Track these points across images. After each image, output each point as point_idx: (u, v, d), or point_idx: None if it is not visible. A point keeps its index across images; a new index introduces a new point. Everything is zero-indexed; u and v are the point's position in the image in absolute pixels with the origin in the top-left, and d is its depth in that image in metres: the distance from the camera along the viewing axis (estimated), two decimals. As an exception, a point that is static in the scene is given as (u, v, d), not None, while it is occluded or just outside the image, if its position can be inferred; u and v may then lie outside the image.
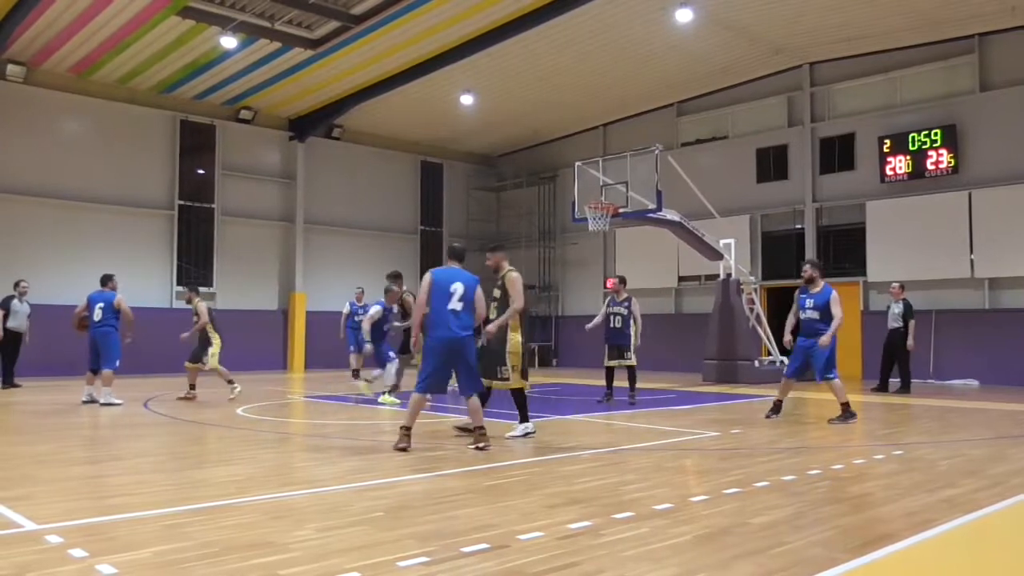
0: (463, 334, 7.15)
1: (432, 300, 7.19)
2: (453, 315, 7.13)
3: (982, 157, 16.36)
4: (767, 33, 17.33)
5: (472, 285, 7.29)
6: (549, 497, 5.21)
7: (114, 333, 11.39)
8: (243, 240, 20.57)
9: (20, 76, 17.04)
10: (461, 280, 7.25)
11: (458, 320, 7.14)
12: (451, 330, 7.10)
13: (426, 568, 3.66)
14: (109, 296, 11.49)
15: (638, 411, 10.78)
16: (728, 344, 16.34)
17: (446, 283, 7.20)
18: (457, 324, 7.13)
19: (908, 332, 13.59)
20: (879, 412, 10.90)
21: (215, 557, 3.82)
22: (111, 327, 11.39)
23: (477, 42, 16.78)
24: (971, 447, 7.53)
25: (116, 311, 11.44)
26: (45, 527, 4.36)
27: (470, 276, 7.37)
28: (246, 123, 20.54)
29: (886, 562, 3.83)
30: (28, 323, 14.35)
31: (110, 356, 11.31)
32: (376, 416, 10.15)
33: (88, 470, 6.49)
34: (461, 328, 7.15)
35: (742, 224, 19.47)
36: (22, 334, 14.26)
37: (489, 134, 23.81)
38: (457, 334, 7.11)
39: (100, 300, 11.47)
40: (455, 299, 7.13)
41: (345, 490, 5.51)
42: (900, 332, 13.75)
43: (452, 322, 7.11)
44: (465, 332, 7.18)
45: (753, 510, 4.83)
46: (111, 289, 11.67)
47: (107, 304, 11.41)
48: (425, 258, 24.16)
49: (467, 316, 7.22)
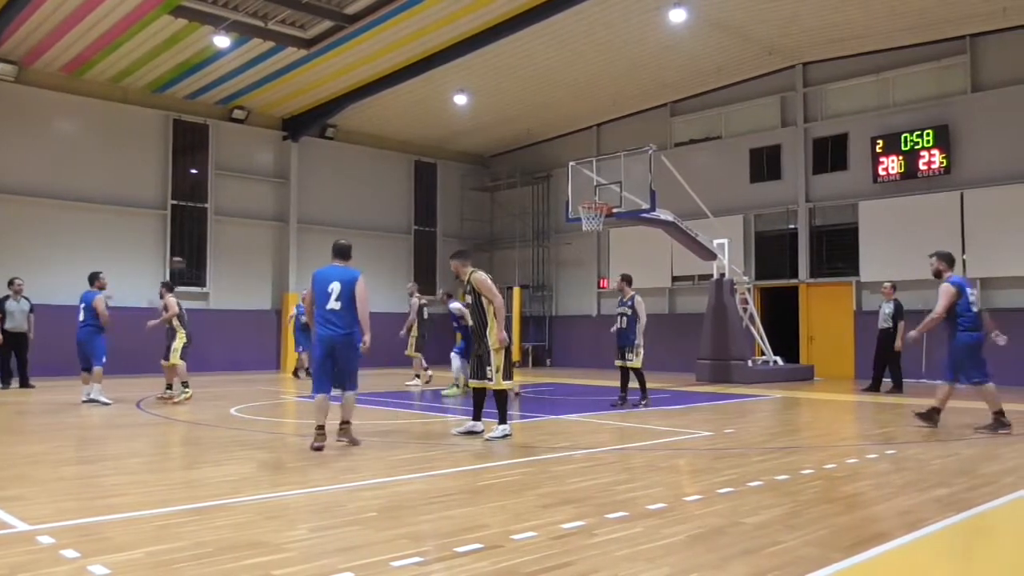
0: (341, 332, 7.23)
1: (316, 299, 7.33)
2: (332, 314, 7.23)
3: (974, 157, 16.43)
4: (760, 33, 17.36)
5: (350, 283, 7.30)
6: (542, 497, 5.21)
7: (97, 333, 11.34)
8: (236, 240, 20.52)
9: (11, 75, 16.96)
10: (339, 279, 7.29)
11: (337, 318, 7.23)
12: (329, 328, 7.23)
13: (420, 568, 3.66)
14: (89, 296, 11.48)
15: (631, 411, 10.79)
16: (722, 344, 16.36)
17: (324, 283, 7.31)
18: (335, 322, 7.22)
19: (897, 332, 13.54)
20: (872, 411, 10.93)
21: (208, 557, 3.82)
22: (93, 327, 11.38)
23: (470, 42, 16.77)
24: (963, 446, 7.56)
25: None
26: (37, 528, 4.35)
27: (351, 273, 7.38)
28: (239, 123, 20.49)
29: (879, 561, 3.85)
30: (30, 321, 14.23)
31: (95, 355, 11.29)
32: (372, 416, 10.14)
33: (81, 470, 6.47)
34: (339, 326, 7.23)
35: (735, 224, 19.50)
36: (23, 333, 14.17)
37: (483, 134, 23.80)
38: (335, 332, 7.22)
39: (83, 300, 11.48)
40: (332, 298, 7.23)
41: (338, 490, 5.50)
42: (890, 332, 13.74)
43: (330, 320, 7.23)
44: (343, 330, 7.25)
45: (746, 510, 4.84)
46: (98, 288, 11.64)
47: (88, 304, 11.39)
48: (419, 258, 24.16)
49: (346, 314, 7.26)
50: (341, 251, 7.58)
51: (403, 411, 11.01)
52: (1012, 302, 15.74)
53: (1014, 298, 15.77)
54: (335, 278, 7.31)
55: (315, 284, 7.35)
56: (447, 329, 14.68)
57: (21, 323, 14.14)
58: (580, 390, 14.01)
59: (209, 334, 19.56)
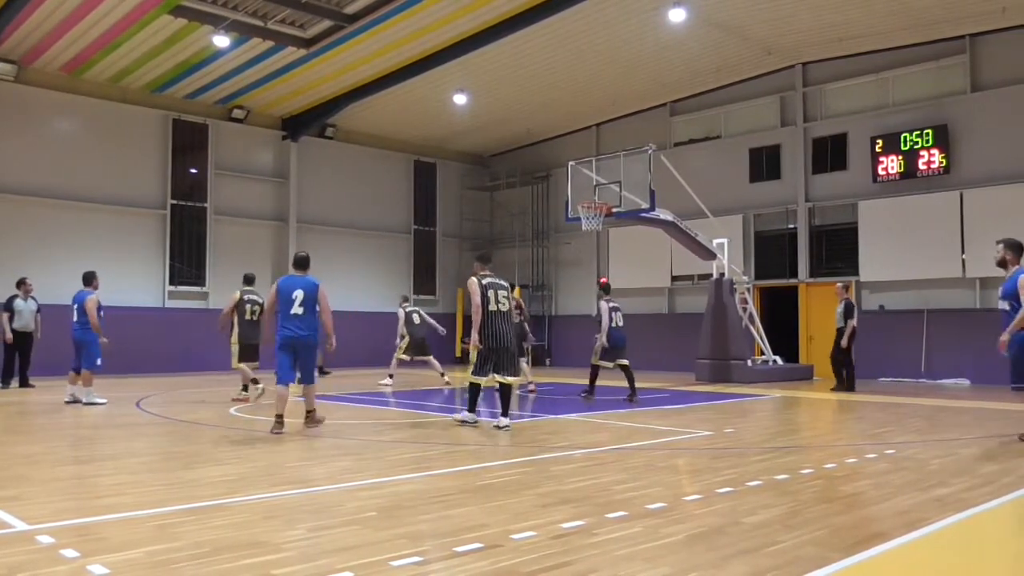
0: (303, 333, 8.25)
1: (279, 305, 8.33)
2: (295, 318, 8.24)
3: (973, 157, 16.43)
4: (760, 33, 17.37)
5: (312, 290, 8.32)
6: (542, 496, 5.21)
7: (90, 333, 11.32)
8: (236, 239, 20.52)
9: (11, 74, 16.96)
10: (302, 287, 8.31)
11: (300, 321, 8.24)
12: (292, 330, 8.23)
13: (419, 568, 3.66)
14: (81, 296, 11.47)
15: (631, 410, 10.79)
16: (721, 344, 16.36)
17: (288, 291, 8.30)
18: (298, 325, 8.23)
19: (844, 332, 13.97)
20: (870, 411, 10.93)
21: (207, 557, 3.81)
22: (87, 327, 11.36)
23: (470, 42, 16.77)
24: (962, 446, 7.56)
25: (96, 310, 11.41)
26: (36, 527, 4.35)
27: (311, 282, 8.38)
28: (239, 122, 20.49)
29: (878, 561, 3.85)
30: (37, 321, 14.28)
31: (88, 356, 11.26)
32: (367, 416, 10.14)
33: (80, 470, 6.47)
34: (301, 328, 8.24)
35: (735, 224, 19.50)
36: (30, 333, 14.19)
37: (482, 133, 23.80)
38: (297, 333, 8.23)
39: (76, 300, 11.49)
40: (296, 304, 8.23)
41: (337, 490, 5.50)
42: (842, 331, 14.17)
43: (294, 323, 8.24)
44: (304, 331, 8.26)
45: (746, 509, 4.83)
46: (93, 288, 11.63)
47: (79, 304, 11.39)
48: (418, 258, 24.16)
49: (309, 317, 8.29)
50: (301, 262, 8.61)
51: (400, 411, 11.01)
52: (1011, 302, 15.74)
53: (1013, 298, 15.76)
54: (298, 286, 8.30)
55: (280, 293, 8.30)
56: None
57: (28, 322, 14.17)
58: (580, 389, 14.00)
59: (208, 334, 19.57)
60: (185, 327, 19.22)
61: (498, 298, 8.88)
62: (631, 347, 12.65)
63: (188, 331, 19.19)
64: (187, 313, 19.46)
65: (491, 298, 8.83)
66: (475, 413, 8.99)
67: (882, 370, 17.14)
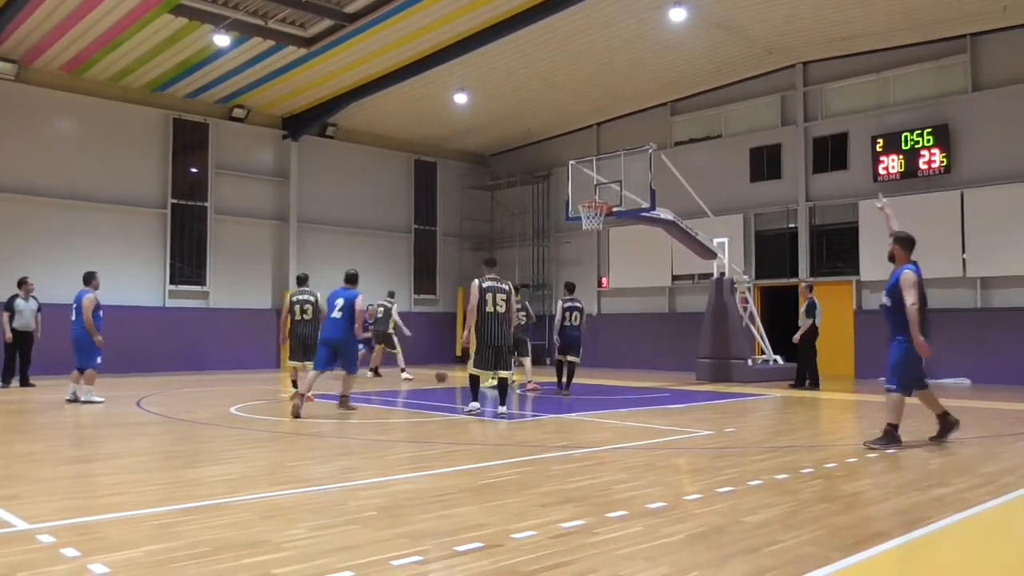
0: (335, 334, 10.12)
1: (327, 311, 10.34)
2: (333, 321, 10.16)
3: (974, 157, 16.42)
4: (760, 33, 17.36)
5: (351, 300, 10.20)
6: (542, 496, 5.21)
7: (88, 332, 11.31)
8: (236, 239, 20.52)
9: (11, 74, 16.96)
10: (343, 296, 10.24)
11: (336, 324, 10.13)
12: (328, 331, 10.22)
13: (419, 567, 3.66)
14: (81, 295, 11.46)
15: (631, 410, 10.80)
16: (722, 343, 16.36)
17: (333, 299, 10.30)
18: (332, 327, 10.16)
19: (800, 328, 14.41)
20: (870, 411, 10.92)
21: (207, 556, 3.81)
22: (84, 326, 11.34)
23: (470, 41, 16.76)
24: (962, 446, 7.57)
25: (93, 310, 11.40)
26: (37, 526, 4.35)
27: (352, 294, 10.27)
28: (239, 121, 20.49)
29: (878, 560, 3.85)
30: (37, 320, 14.29)
31: (87, 355, 11.26)
32: (366, 415, 10.14)
33: (80, 469, 6.46)
34: (334, 330, 10.14)
35: (735, 223, 19.49)
36: (30, 333, 14.20)
37: (483, 133, 23.80)
38: (332, 334, 10.15)
39: (76, 299, 11.47)
40: (336, 310, 10.16)
41: (338, 489, 5.50)
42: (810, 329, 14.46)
43: (332, 326, 10.17)
44: (336, 333, 10.11)
45: (746, 508, 4.84)
46: (93, 288, 11.62)
47: (78, 303, 11.38)
48: (418, 257, 24.17)
49: (344, 321, 10.12)
50: (349, 278, 10.51)
51: (400, 411, 11.01)
52: (1012, 302, 15.75)
53: (1014, 298, 15.77)
54: (341, 296, 10.25)
55: (328, 300, 10.36)
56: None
57: (29, 322, 14.19)
58: (580, 389, 13.99)
59: (209, 333, 19.61)
60: (185, 326, 19.25)
61: (496, 301, 9.74)
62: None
63: (189, 330, 19.22)
64: (187, 312, 19.47)
65: (489, 300, 9.73)
66: (478, 402, 10.00)
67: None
